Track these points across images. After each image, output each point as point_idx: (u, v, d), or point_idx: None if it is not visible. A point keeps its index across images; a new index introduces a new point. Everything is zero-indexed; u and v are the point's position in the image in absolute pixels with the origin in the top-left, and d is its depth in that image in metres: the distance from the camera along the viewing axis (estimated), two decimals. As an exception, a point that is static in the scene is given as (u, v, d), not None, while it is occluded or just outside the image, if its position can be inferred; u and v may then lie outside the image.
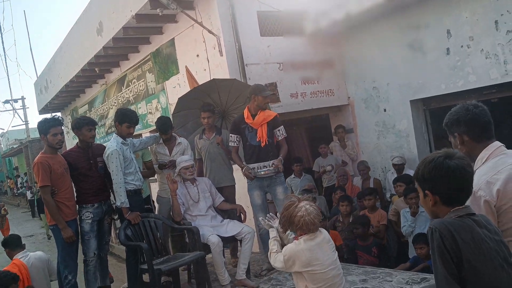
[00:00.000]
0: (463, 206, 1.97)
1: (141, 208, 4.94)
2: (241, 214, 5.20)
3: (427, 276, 4.27)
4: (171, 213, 5.05)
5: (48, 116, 4.92)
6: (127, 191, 4.65)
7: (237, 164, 5.19)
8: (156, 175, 5.62)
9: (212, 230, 4.77)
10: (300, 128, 9.87)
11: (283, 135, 5.12)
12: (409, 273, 4.57)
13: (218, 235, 4.66)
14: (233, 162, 5.41)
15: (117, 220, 5.14)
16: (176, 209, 4.87)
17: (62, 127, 4.85)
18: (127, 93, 10.30)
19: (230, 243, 5.37)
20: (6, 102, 31.59)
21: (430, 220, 4.89)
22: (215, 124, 5.63)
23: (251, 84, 5.83)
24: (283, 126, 5.14)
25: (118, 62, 10.23)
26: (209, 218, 5.01)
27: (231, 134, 5.14)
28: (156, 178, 5.81)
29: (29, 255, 5.13)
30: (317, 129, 9.56)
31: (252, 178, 4.94)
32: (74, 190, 4.89)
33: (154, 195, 5.80)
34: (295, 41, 7.69)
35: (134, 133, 5.06)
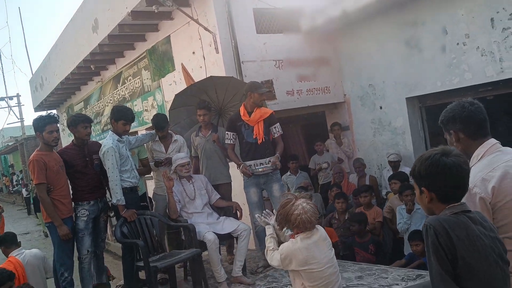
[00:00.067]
0: (458, 203, 1.97)
1: (137, 206, 4.93)
2: (237, 212, 5.20)
3: (423, 272, 4.28)
4: (167, 211, 5.05)
5: (43, 113, 4.89)
6: (123, 188, 4.64)
7: (234, 161, 5.18)
8: (152, 172, 5.61)
9: (208, 227, 4.77)
10: (296, 126, 9.88)
11: (279, 132, 5.12)
12: (405, 270, 4.58)
13: (214, 232, 4.66)
14: (229, 159, 5.41)
15: (113, 218, 5.13)
16: (172, 206, 4.86)
17: (58, 125, 4.84)
18: (122, 91, 10.28)
19: (226, 240, 5.37)
20: (1, 99, 31.36)
21: (425, 217, 4.91)
22: (212, 121, 5.63)
23: (247, 81, 5.83)
24: (279, 124, 5.14)
25: (113, 60, 10.20)
26: (205, 216, 5.00)
27: (227, 132, 5.13)
28: (152, 176, 5.81)
29: (25, 252, 5.12)
30: (313, 127, 9.57)
31: (250, 175, 4.94)
32: (70, 188, 4.89)
33: (150, 193, 5.79)
34: (291, 38, 7.69)
35: (130, 131, 5.06)
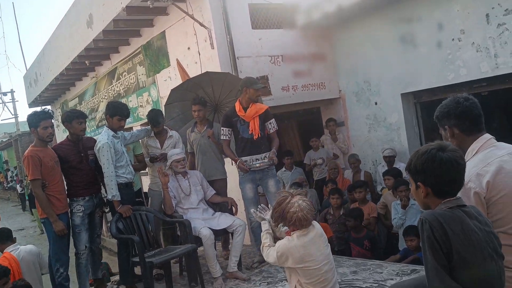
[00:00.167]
0: (454, 198, 1.98)
1: (133, 201, 4.93)
2: (233, 207, 5.20)
3: (417, 267, 4.30)
4: (162, 206, 5.05)
5: (38, 109, 4.87)
6: (118, 184, 4.64)
7: (230, 157, 5.17)
8: (147, 168, 5.61)
9: (203, 223, 4.77)
10: (291, 121, 9.87)
11: (275, 128, 5.11)
12: (399, 265, 4.61)
13: (209, 228, 4.67)
14: (225, 155, 5.40)
15: (108, 213, 5.13)
16: (168, 202, 4.86)
17: (52, 120, 4.82)
18: (117, 86, 10.23)
19: (222, 236, 5.38)
20: (-5, 95, 31.27)
21: (420, 213, 4.93)
22: (207, 117, 5.62)
23: (243, 77, 5.82)
24: (274, 119, 5.14)
25: (108, 55, 10.15)
26: (201, 211, 5.01)
27: (222, 128, 5.10)
28: (147, 171, 5.80)
29: (20, 248, 5.11)
30: (308, 122, 9.57)
31: (247, 170, 4.93)
32: (65, 184, 4.87)
33: (146, 188, 5.78)
34: (287, 34, 7.68)
35: (125, 126, 5.04)
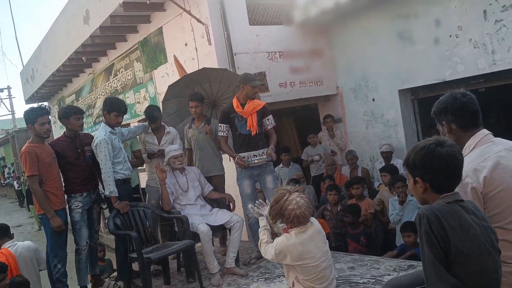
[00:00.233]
0: (452, 193, 1.99)
1: (130, 197, 4.91)
2: (230, 203, 5.21)
3: (414, 263, 4.30)
4: (160, 202, 5.05)
5: (34, 105, 4.86)
6: (115, 180, 4.63)
7: (228, 153, 5.17)
8: (145, 164, 5.60)
9: (201, 219, 4.77)
10: (289, 118, 9.88)
11: (272, 124, 5.11)
12: (397, 261, 4.61)
13: (207, 224, 4.67)
14: (223, 152, 5.40)
15: (106, 209, 5.12)
16: (165, 198, 4.86)
17: (49, 117, 4.80)
18: (114, 83, 10.21)
19: (219, 232, 5.37)
20: (-8, 92, 31.16)
21: (417, 209, 4.95)
22: (205, 113, 5.61)
23: (240, 73, 5.81)
24: (272, 115, 5.14)
25: (105, 51, 10.11)
26: (198, 207, 5.01)
27: (220, 124, 5.08)
28: (144, 168, 5.79)
29: (17, 244, 5.10)
30: (306, 119, 9.58)
31: (246, 166, 4.93)
32: (62, 180, 4.87)
33: (143, 185, 5.78)
34: (284, 30, 7.67)
35: (122, 123, 5.04)
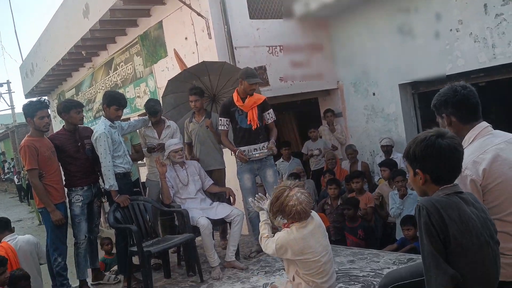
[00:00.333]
0: (451, 185, 1.99)
1: (130, 191, 4.91)
2: (231, 197, 5.21)
3: (414, 256, 4.32)
4: (160, 196, 5.06)
5: (34, 99, 4.85)
6: (115, 174, 4.62)
7: (228, 147, 5.17)
8: (145, 158, 5.60)
9: (201, 212, 4.78)
10: (289, 112, 9.88)
11: (273, 118, 5.11)
12: (396, 254, 4.63)
13: (207, 218, 4.68)
14: (223, 145, 5.40)
15: (106, 203, 5.13)
16: (166, 192, 4.87)
17: (49, 110, 4.80)
18: (114, 77, 10.20)
19: (220, 226, 5.38)
20: (-8, 86, 31.15)
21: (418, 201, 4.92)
22: (205, 107, 5.60)
23: (241, 67, 5.79)
24: (272, 110, 5.13)
25: (105, 45, 10.09)
26: (199, 201, 5.01)
27: (220, 118, 5.08)
28: (144, 162, 5.80)
29: (17, 238, 5.10)
30: (306, 113, 9.57)
31: (247, 160, 4.93)
32: (62, 173, 4.87)
33: (143, 179, 5.78)
34: (285, 24, 7.64)
35: (122, 117, 5.03)
